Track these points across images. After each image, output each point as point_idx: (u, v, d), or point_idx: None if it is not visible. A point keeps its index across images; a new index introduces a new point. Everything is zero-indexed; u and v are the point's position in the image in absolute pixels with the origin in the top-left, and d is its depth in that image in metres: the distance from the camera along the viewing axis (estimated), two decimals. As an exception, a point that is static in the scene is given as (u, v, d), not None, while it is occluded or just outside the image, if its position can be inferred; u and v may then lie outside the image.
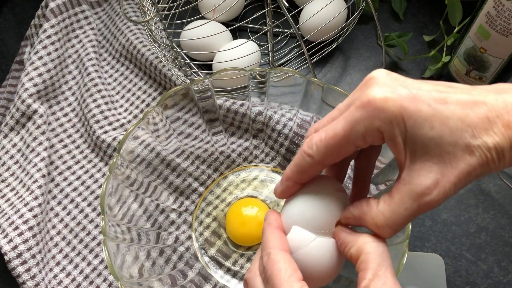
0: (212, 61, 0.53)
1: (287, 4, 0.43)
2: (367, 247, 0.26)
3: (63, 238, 0.47)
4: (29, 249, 0.44)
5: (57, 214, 0.48)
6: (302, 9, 0.54)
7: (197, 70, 0.54)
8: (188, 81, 0.52)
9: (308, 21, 0.52)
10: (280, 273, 0.26)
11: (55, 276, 0.45)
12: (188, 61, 0.52)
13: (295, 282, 0.26)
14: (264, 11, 0.45)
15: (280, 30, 0.58)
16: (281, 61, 0.56)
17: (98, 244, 0.47)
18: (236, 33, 0.59)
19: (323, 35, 0.52)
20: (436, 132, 0.24)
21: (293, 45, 0.58)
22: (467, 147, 0.23)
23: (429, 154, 0.24)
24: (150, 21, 0.53)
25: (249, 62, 0.51)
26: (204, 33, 0.51)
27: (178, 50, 0.50)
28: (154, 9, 0.48)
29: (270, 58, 0.52)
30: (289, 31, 0.57)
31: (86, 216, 0.49)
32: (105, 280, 0.46)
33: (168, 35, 0.49)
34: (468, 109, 0.24)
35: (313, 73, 0.49)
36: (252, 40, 0.53)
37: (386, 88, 0.25)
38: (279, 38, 0.58)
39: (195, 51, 0.53)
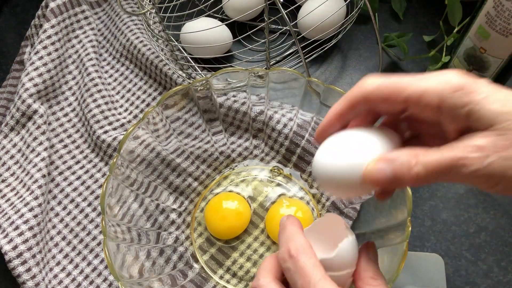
0: (210, 56, 0.53)
1: (281, 0, 0.43)
2: None
3: (63, 238, 0.47)
4: (29, 249, 0.44)
5: (57, 214, 0.48)
6: (300, 6, 0.54)
7: (193, 64, 0.54)
8: (184, 75, 0.52)
9: (306, 18, 0.52)
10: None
11: (55, 276, 0.45)
12: (186, 54, 0.52)
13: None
14: (261, 6, 0.44)
15: (279, 27, 0.58)
16: (278, 58, 0.56)
17: (98, 244, 0.47)
18: (235, 29, 0.58)
19: (320, 32, 0.52)
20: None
21: (290, 42, 0.58)
22: None
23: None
24: (147, 15, 0.53)
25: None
26: (201, 28, 0.51)
27: (176, 43, 0.50)
28: (150, 2, 0.48)
29: (266, 55, 0.52)
30: (287, 27, 0.56)
31: (86, 216, 0.49)
32: (105, 280, 0.46)
33: (164, 28, 0.48)
34: None
35: (307, 72, 0.49)
36: (249, 34, 0.53)
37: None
38: (277, 34, 0.58)
39: (192, 45, 0.53)
